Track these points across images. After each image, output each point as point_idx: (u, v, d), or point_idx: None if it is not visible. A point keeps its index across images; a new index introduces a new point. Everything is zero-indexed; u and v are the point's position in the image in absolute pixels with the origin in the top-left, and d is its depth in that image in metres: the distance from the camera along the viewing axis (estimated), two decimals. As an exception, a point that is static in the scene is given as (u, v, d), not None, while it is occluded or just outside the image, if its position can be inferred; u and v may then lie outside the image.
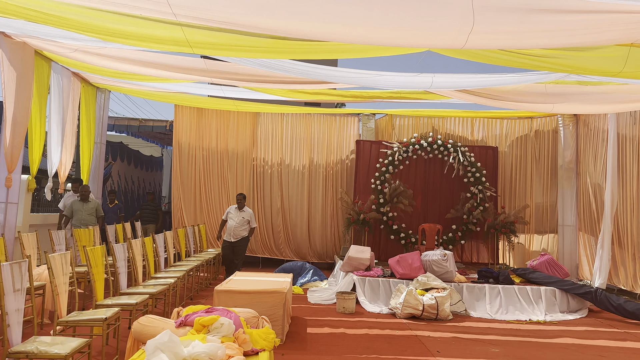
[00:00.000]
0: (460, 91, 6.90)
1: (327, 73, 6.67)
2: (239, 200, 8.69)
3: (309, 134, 11.25)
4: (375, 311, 6.94)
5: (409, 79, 6.36)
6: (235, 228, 8.57)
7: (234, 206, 8.78)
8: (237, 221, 8.59)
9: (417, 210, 10.55)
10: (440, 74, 6.06)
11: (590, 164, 9.84)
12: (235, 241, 8.60)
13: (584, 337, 5.82)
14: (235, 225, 8.57)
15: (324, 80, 6.87)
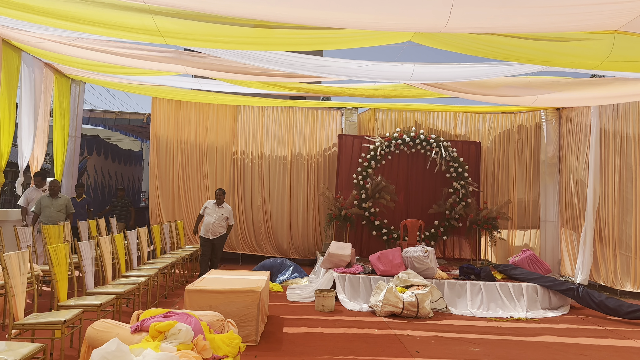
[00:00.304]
0: (442, 86, 6.75)
1: (310, 62, 6.45)
2: (218, 196, 8.33)
3: (290, 127, 11.04)
4: (355, 309, 6.79)
5: (390, 68, 6.18)
6: (213, 225, 8.20)
7: (212, 201, 8.41)
8: (215, 217, 8.22)
9: (400, 205, 10.42)
10: (421, 64, 5.90)
11: (572, 159, 9.80)
12: (214, 238, 8.24)
13: (565, 335, 5.73)
14: (214, 221, 8.20)
15: (306, 69, 6.64)
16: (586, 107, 9.43)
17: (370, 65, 6.18)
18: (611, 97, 7.28)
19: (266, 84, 8.02)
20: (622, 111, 8.65)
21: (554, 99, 7.56)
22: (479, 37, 4.46)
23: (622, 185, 8.55)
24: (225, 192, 8.59)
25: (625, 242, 8.41)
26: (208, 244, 8.25)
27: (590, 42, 4.26)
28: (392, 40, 5.13)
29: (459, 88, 6.80)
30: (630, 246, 8.30)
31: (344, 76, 6.67)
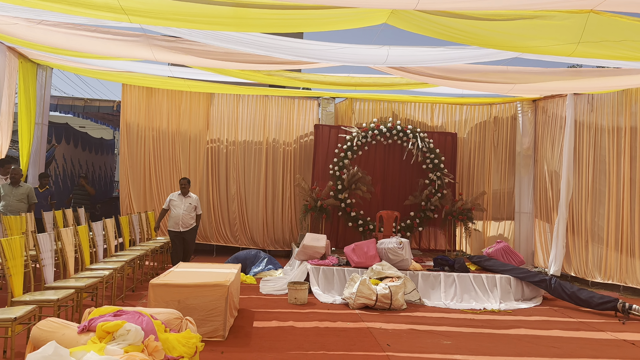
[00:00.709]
0: (417, 71, 6.62)
1: (286, 44, 6.24)
2: (183, 186, 7.91)
3: (266, 117, 10.82)
4: (328, 301, 6.69)
5: (366, 51, 6.03)
6: (183, 216, 7.78)
7: (177, 193, 8.00)
8: (184, 208, 7.83)
9: (376, 197, 10.34)
10: (396, 47, 5.77)
11: (547, 151, 9.83)
12: (185, 231, 7.84)
13: (537, 328, 5.73)
14: (183, 213, 7.79)
15: (282, 51, 6.44)
16: (561, 98, 9.46)
17: (346, 48, 6.03)
18: (587, 87, 7.26)
19: (242, 72, 7.79)
20: (596, 103, 8.69)
21: (530, 89, 7.50)
22: (453, 21, 4.35)
23: (596, 178, 8.61)
24: (190, 181, 8.15)
25: (598, 234, 8.49)
26: (179, 237, 7.85)
27: (563, 22, 4.17)
28: (368, 22, 4.99)
29: (434, 73, 6.66)
30: (603, 238, 8.38)
31: (320, 59, 6.50)
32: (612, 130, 8.37)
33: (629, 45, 4.51)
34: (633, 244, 7.89)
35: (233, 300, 5.19)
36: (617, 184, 8.21)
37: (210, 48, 6.71)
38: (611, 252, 8.23)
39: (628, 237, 7.98)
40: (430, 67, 6.51)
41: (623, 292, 7.98)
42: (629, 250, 7.95)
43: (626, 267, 7.99)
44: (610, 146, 8.37)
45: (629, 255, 7.95)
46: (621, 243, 8.08)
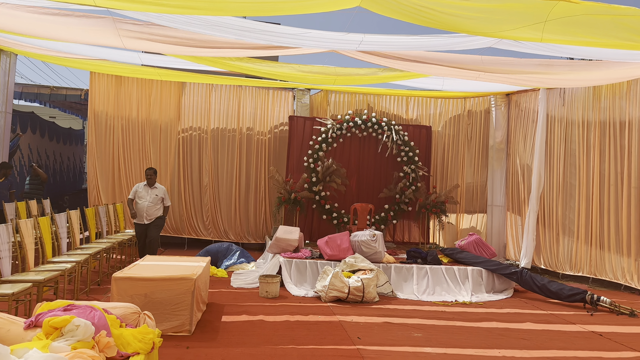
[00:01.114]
0: (391, 56, 6.51)
1: (259, 28, 6.07)
2: (149, 176, 7.56)
3: (240, 107, 10.63)
4: (300, 294, 6.60)
5: (339, 36, 5.91)
6: (148, 208, 7.48)
7: (143, 183, 7.65)
8: (149, 200, 7.50)
9: (351, 189, 10.28)
10: (370, 34, 5.67)
11: (520, 145, 9.92)
12: (150, 223, 7.52)
13: (508, 320, 5.75)
14: (148, 204, 7.49)
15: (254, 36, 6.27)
16: (534, 93, 9.53)
17: (320, 33, 5.90)
18: (556, 81, 7.28)
19: (214, 60, 7.59)
20: (568, 98, 8.77)
21: (500, 79, 7.47)
22: (425, 5, 4.27)
23: (567, 171, 8.71)
24: (157, 171, 7.81)
25: (568, 227, 8.60)
26: (142, 230, 7.53)
27: (532, 4, 4.14)
28: (342, 5, 4.88)
29: (406, 57, 6.56)
30: (573, 231, 8.49)
31: (293, 44, 6.35)
32: (582, 125, 8.47)
33: (594, 30, 4.50)
34: (602, 237, 8.02)
35: (201, 294, 5.05)
36: (587, 178, 8.33)
37: (181, 34, 6.50)
38: (581, 245, 8.35)
39: (597, 230, 8.10)
40: (403, 52, 6.42)
41: (592, 284, 8.12)
42: (599, 243, 8.08)
43: (595, 260, 8.12)
44: (581, 140, 8.47)
45: (598, 248, 8.08)
46: (591, 236, 8.20)
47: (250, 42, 6.38)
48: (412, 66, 6.79)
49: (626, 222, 7.65)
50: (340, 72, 7.86)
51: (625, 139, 7.77)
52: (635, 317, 6.13)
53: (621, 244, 7.72)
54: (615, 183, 7.87)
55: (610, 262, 7.87)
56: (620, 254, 7.74)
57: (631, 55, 5.84)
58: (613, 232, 7.86)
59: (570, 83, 7.84)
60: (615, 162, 7.89)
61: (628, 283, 7.58)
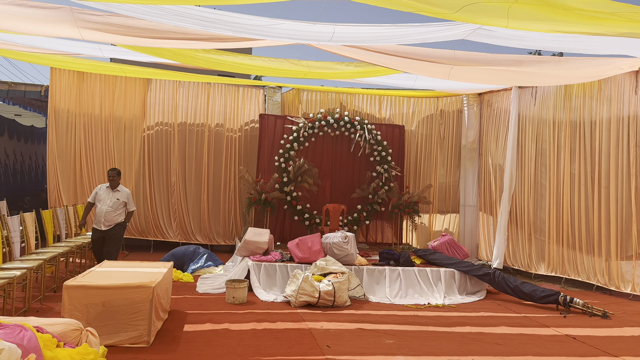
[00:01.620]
0: (367, 49, 6.29)
1: (225, 19, 5.77)
2: (112, 177, 6.85)
3: (209, 105, 10.29)
4: (269, 300, 6.35)
5: (310, 28, 5.68)
6: (107, 213, 6.71)
7: (105, 185, 6.93)
8: (110, 204, 6.76)
9: (323, 189, 10.07)
10: (342, 24, 5.45)
11: (492, 144, 9.88)
12: (108, 229, 6.73)
13: (481, 324, 5.62)
14: (108, 209, 6.73)
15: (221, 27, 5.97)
16: (506, 92, 9.50)
17: (291, 24, 5.66)
18: (530, 76, 7.19)
19: (178, 53, 7.25)
20: (539, 97, 8.76)
21: (469, 76, 7.35)
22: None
23: (538, 171, 8.69)
24: (121, 172, 7.24)
25: (540, 227, 8.58)
26: (99, 237, 6.74)
27: None
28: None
29: (379, 50, 6.35)
30: (545, 230, 8.47)
31: (262, 35, 6.08)
32: (553, 124, 8.46)
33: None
34: (573, 236, 8.01)
35: (161, 302, 4.76)
36: (557, 178, 8.32)
37: (143, 24, 6.15)
38: (552, 245, 8.34)
39: (568, 230, 8.09)
40: (376, 46, 6.21)
41: (565, 284, 8.11)
42: (570, 242, 8.07)
43: (567, 260, 8.11)
44: (552, 140, 8.46)
45: (569, 248, 8.07)
46: (562, 236, 8.20)
47: (216, 34, 6.09)
48: (385, 59, 6.59)
49: (597, 222, 7.66)
50: (312, 66, 7.61)
51: (595, 139, 7.78)
52: (607, 318, 6.09)
53: (592, 244, 7.72)
54: (585, 183, 7.88)
55: (582, 262, 7.87)
56: (591, 254, 7.75)
57: (600, 47, 5.80)
58: (584, 232, 7.86)
59: (540, 80, 7.76)
60: (585, 162, 7.90)
61: (599, 283, 7.59)
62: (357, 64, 7.64)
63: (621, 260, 7.29)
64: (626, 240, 7.29)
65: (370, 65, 7.20)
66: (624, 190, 7.34)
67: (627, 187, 7.30)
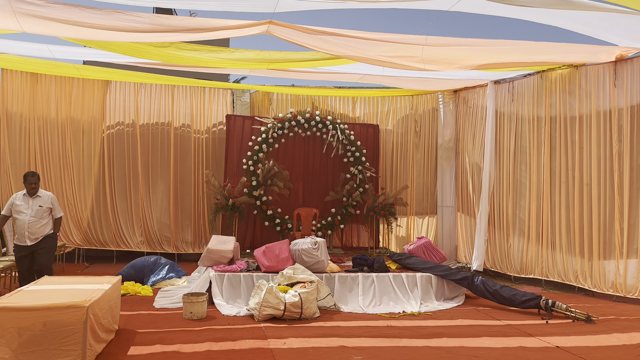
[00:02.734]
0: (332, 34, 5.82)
1: None
2: (34, 184, 5.81)
3: (174, 106, 9.75)
4: (231, 314, 5.85)
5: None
6: (30, 224, 5.73)
7: (21, 193, 5.91)
8: (32, 213, 5.76)
9: (295, 193, 9.62)
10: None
11: (469, 143, 9.54)
12: (35, 243, 5.79)
13: (459, 334, 5.22)
14: (31, 220, 5.75)
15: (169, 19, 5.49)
16: (482, 88, 9.18)
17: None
18: (506, 54, 6.81)
19: (131, 47, 6.73)
20: (517, 92, 8.45)
21: (440, 58, 6.92)
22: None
23: (517, 169, 8.37)
24: (40, 176, 6.32)
25: (519, 227, 8.25)
26: (26, 254, 5.81)
27: None
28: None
29: (344, 33, 5.90)
30: (524, 231, 8.14)
31: (214, 28, 5.61)
32: (532, 120, 8.15)
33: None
34: (554, 236, 7.69)
35: (101, 322, 4.24)
36: (537, 175, 8.00)
37: (89, 15, 5.63)
38: (532, 246, 8.01)
39: (549, 230, 7.77)
40: (342, 30, 5.76)
41: (545, 286, 7.79)
42: (550, 243, 7.75)
43: (547, 261, 7.79)
44: (531, 136, 8.14)
45: (549, 249, 7.75)
46: (542, 236, 7.87)
47: (168, 24, 5.60)
48: (352, 44, 6.13)
49: (578, 221, 7.35)
50: (275, 57, 7.12)
51: (575, 135, 7.48)
52: (592, 322, 5.75)
53: (573, 244, 7.41)
54: (566, 181, 7.57)
55: (563, 263, 7.55)
56: (572, 254, 7.43)
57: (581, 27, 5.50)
58: (564, 232, 7.54)
59: (516, 57, 7.24)
60: (567, 159, 7.59)
61: (581, 285, 7.27)
62: (322, 54, 7.16)
63: (604, 260, 6.98)
64: (609, 239, 6.99)
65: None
66: (607, 187, 7.04)
67: (609, 184, 7.00)
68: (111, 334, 4.67)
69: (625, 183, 6.83)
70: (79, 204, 9.28)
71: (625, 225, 6.79)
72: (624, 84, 6.96)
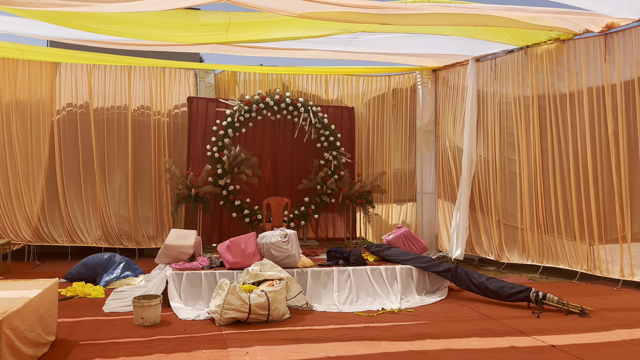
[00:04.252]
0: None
1: None
2: None
3: (130, 89, 8.95)
4: (190, 318, 5.19)
5: None
6: None
7: None
8: None
9: (265, 181, 8.97)
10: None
11: (449, 125, 9.00)
12: None
13: (444, 335, 4.67)
14: None
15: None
16: (463, 67, 8.63)
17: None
18: (490, 19, 6.21)
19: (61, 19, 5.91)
20: (500, 70, 7.92)
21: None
22: None
23: (504, 151, 7.87)
24: None
25: (510, 212, 7.78)
26: None
27: None
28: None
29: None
30: (516, 215, 7.66)
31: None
32: (518, 100, 7.64)
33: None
34: (550, 219, 7.23)
35: (25, 336, 3.54)
36: (527, 158, 7.51)
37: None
38: (526, 231, 7.53)
39: (544, 213, 7.31)
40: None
41: (542, 273, 7.36)
42: (547, 227, 7.29)
43: (544, 246, 7.35)
44: (517, 117, 7.64)
45: (546, 233, 7.30)
46: (537, 220, 7.40)
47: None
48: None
49: (576, 204, 6.92)
50: (236, 20, 6.32)
51: (567, 114, 7.00)
52: (586, 315, 5.29)
53: (572, 229, 6.97)
54: (560, 163, 7.11)
55: (563, 248, 7.10)
56: (571, 238, 6.99)
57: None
58: (562, 216, 7.09)
59: (499, 21, 6.66)
60: (559, 140, 7.13)
61: (583, 270, 6.87)
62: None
63: (605, 244, 6.59)
64: (610, 222, 6.58)
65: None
66: (603, 168, 6.60)
67: (606, 164, 6.56)
68: (43, 348, 3.97)
69: (623, 164, 6.40)
70: (27, 196, 8.45)
71: (626, 208, 6.40)
72: (615, 58, 6.49)
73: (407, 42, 7.63)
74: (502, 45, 7.65)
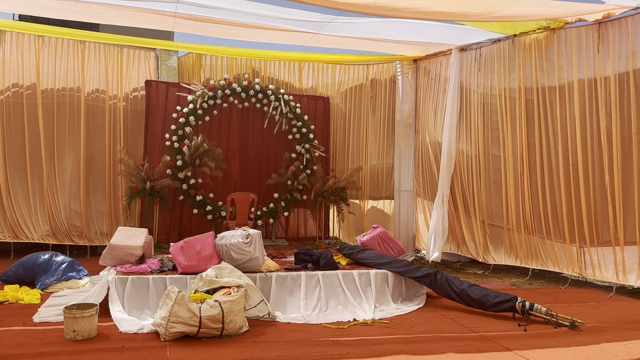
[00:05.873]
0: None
1: None
2: None
3: (84, 69, 8.13)
4: (132, 330, 4.49)
5: None
6: None
7: None
8: None
9: (231, 175, 8.29)
10: None
11: (430, 119, 8.46)
12: None
13: (422, 352, 4.11)
14: None
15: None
16: (445, 57, 8.09)
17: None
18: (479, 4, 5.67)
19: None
20: (485, 60, 7.39)
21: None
22: None
23: (488, 147, 7.36)
24: None
25: (496, 211, 7.27)
26: None
27: None
28: None
29: None
30: (502, 215, 7.16)
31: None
32: (504, 92, 7.12)
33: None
34: (538, 219, 6.75)
35: None
36: (514, 155, 7.01)
37: None
38: (513, 232, 7.05)
39: (532, 213, 6.83)
40: None
41: (531, 277, 6.90)
42: (534, 227, 6.81)
43: (532, 248, 6.88)
44: (503, 111, 7.13)
45: (533, 234, 6.83)
46: (523, 221, 6.92)
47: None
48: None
49: (566, 205, 6.45)
50: None
51: (556, 109, 6.50)
52: (576, 329, 4.80)
53: (562, 231, 6.51)
54: (549, 161, 6.63)
55: (553, 250, 6.63)
56: (561, 240, 6.54)
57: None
58: (550, 217, 6.64)
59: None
60: (548, 136, 6.65)
61: (575, 274, 6.42)
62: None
63: (597, 247, 6.12)
64: (601, 223, 6.13)
65: None
66: (595, 167, 6.13)
67: (598, 163, 6.09)
68: None
69: (616, 162, 5.94)
70: (-38, 187, 7.59)
71: (619, 209, 5.95)
72: (609, 48, 6.00)
73: (387, 27, 7.07)
74: (488, 33, 7.14)
